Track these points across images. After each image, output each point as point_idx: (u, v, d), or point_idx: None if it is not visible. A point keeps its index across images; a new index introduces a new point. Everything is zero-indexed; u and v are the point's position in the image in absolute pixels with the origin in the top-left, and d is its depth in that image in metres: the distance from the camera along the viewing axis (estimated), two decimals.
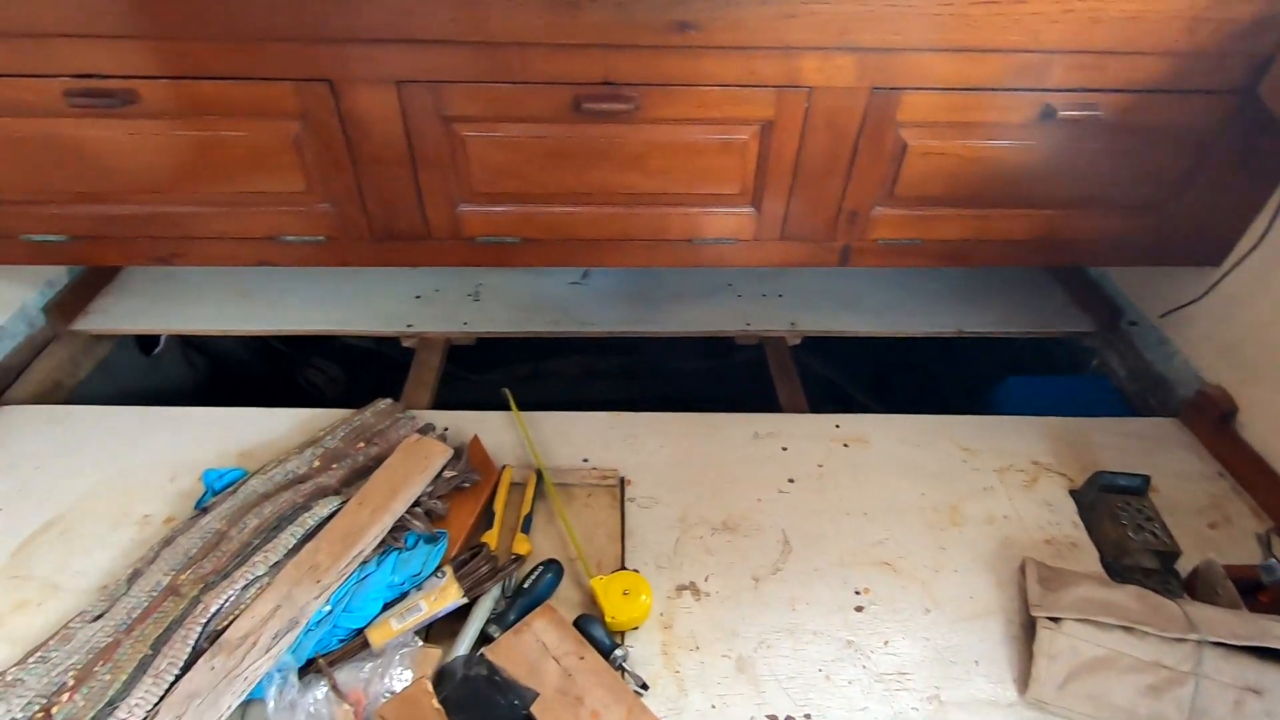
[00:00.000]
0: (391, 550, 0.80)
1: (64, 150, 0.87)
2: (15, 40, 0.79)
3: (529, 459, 0.96)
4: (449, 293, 1.29)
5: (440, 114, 0.86)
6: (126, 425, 1.01)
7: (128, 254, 0.98)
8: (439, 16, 0.78)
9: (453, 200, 0.95)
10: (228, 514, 0.83)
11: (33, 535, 0.85)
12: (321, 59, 0.82)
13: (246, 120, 0.86)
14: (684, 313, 1.26)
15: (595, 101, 0.85)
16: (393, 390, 1.06)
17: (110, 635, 0.72)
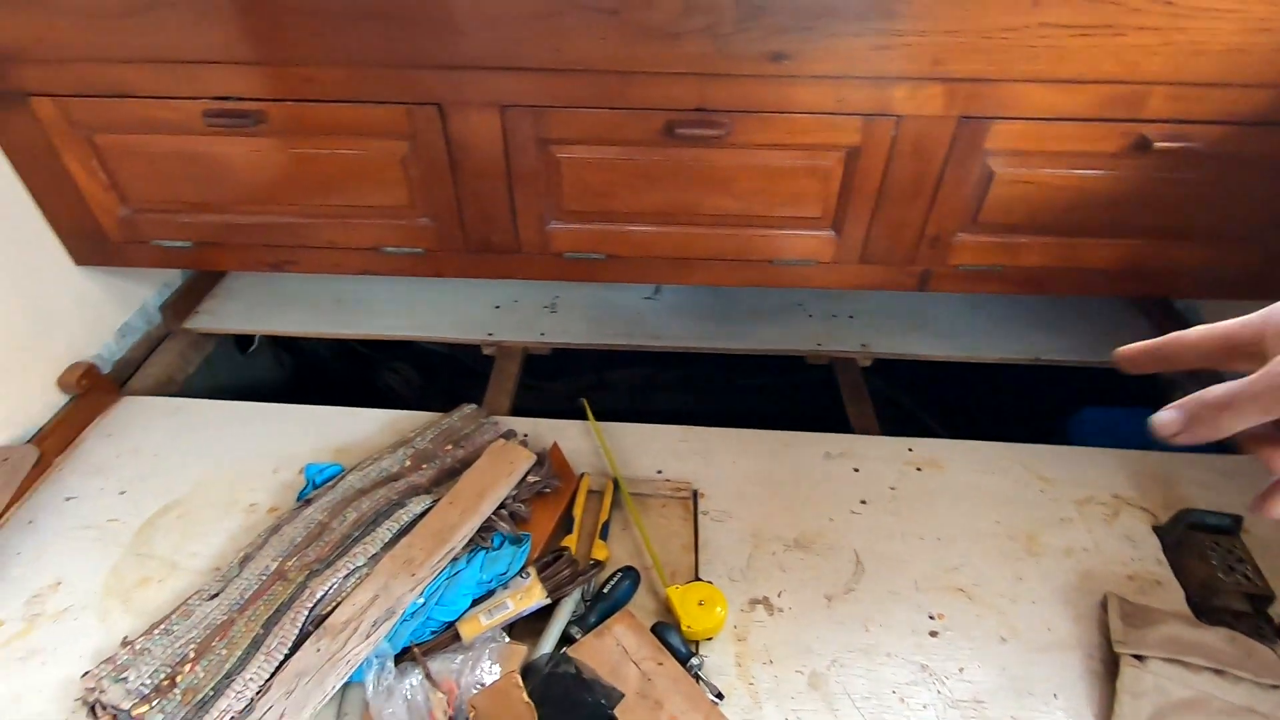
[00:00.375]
0: (480, 549, 0.84)
1: (197, 164, 0.95)
2: (165, 65, 0.87)
3: (604, 468, 1.00)
4: (527, 304, 1.34)
5: (539, 136, 0.91)
6: (232, 419, 1.08)
7: (244, 260, 1.06)
8: (546, 47, 0.83)
9: (544, 217, 0.99)
10: (328, 507, 0.89)
11: (153, 517, 0.93)
12: (434, 84, 0.87)
13: (361, 140, 0.93)
14: (754, 331, 1.28)
15: (687, 127, 0.88)
16: (465, 395, 1.10)
17: (225, 613, 0.78)
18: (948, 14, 0.78)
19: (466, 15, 0.81)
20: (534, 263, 1.04)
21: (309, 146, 0.93)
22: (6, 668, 0.77)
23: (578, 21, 0.81)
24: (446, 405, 1.08)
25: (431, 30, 0.83)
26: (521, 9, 0.81)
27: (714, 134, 0.89)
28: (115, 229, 1.03)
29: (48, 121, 0.93)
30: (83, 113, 0.92)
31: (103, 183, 0.98)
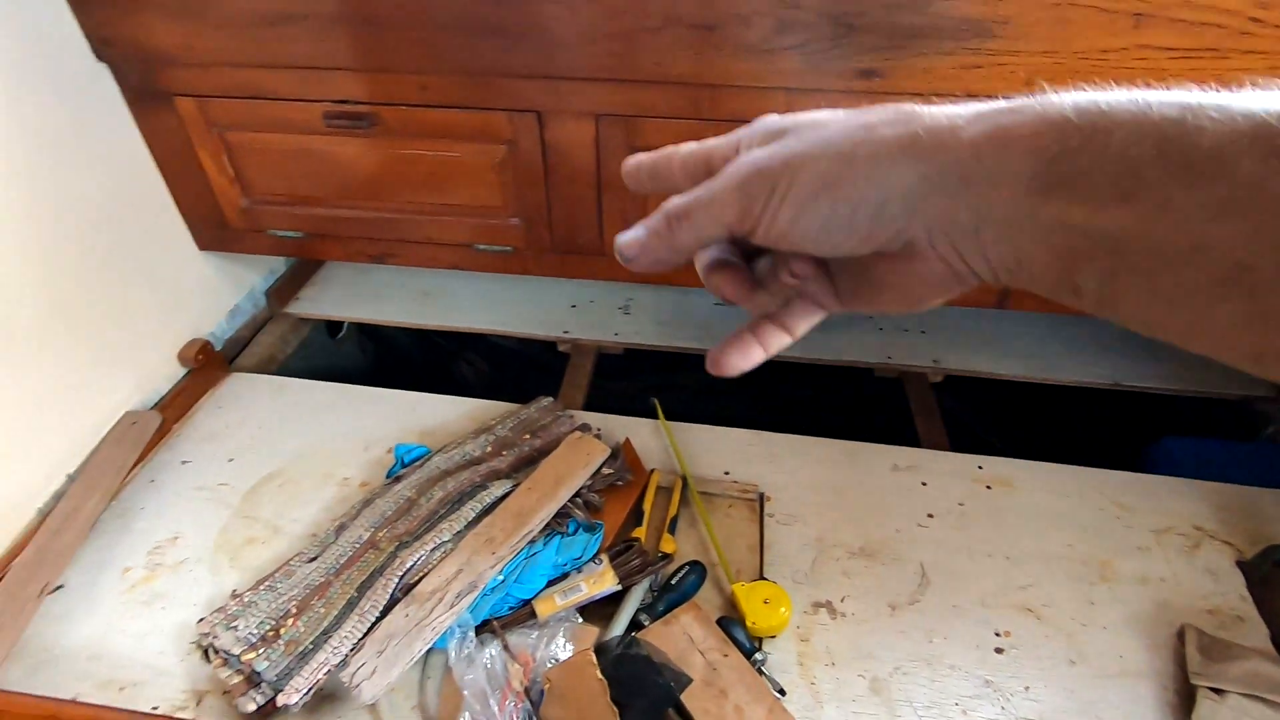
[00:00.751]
0: (556, 534, 0.88)
1: (314, 162, 1.04)
2: (294, 71, 0.95)
3: (673, 465, 1.03)
4: (601, 304, 1.39)
5: (629, 144, 0.95)
6: (327, 399, 1.16)
7: (349, 251, 1.14)
8: (645, 60, 0.87)
9: (628, 220, 1.03)
10: (416, 484, 0.95)
11: (258, 484, 1.01)
12: (535, 94, 0.93)
13: (463, 143, 0.99)
14: (823, 340, 1.29)
15: None
16: (531, 387, 1.15)
17: (323, 576, 0.85)
18: (1046, 35, 0.79)
19: (571, 31, 0.86)
20: (616, 264, 1.08)
21: (415, 148, 1.00)
22: (133, 609, 0.85)
23: (676, 38, 0.85)
24: (514, 396, 1.13)
25: (537, 44, 0.88)
26: (624, 25, 0.85)
27: None
28: (236, 218, 1.13)
29: (188, 119, 1.02)
30: (219, 112, 1.01)
31: (229, 176, 1.08)
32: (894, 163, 0.25)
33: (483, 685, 0.74)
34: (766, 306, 0.35)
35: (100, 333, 1.01)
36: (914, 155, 0.25)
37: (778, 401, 1.42)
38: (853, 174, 0.26)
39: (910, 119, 0.26)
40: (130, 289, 1.06)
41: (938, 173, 0.25)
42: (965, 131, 0.25)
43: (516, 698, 0.73)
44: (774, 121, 0.30)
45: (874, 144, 0.26)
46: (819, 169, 0.26)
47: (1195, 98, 0.22)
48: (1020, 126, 0.24)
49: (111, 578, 0.89)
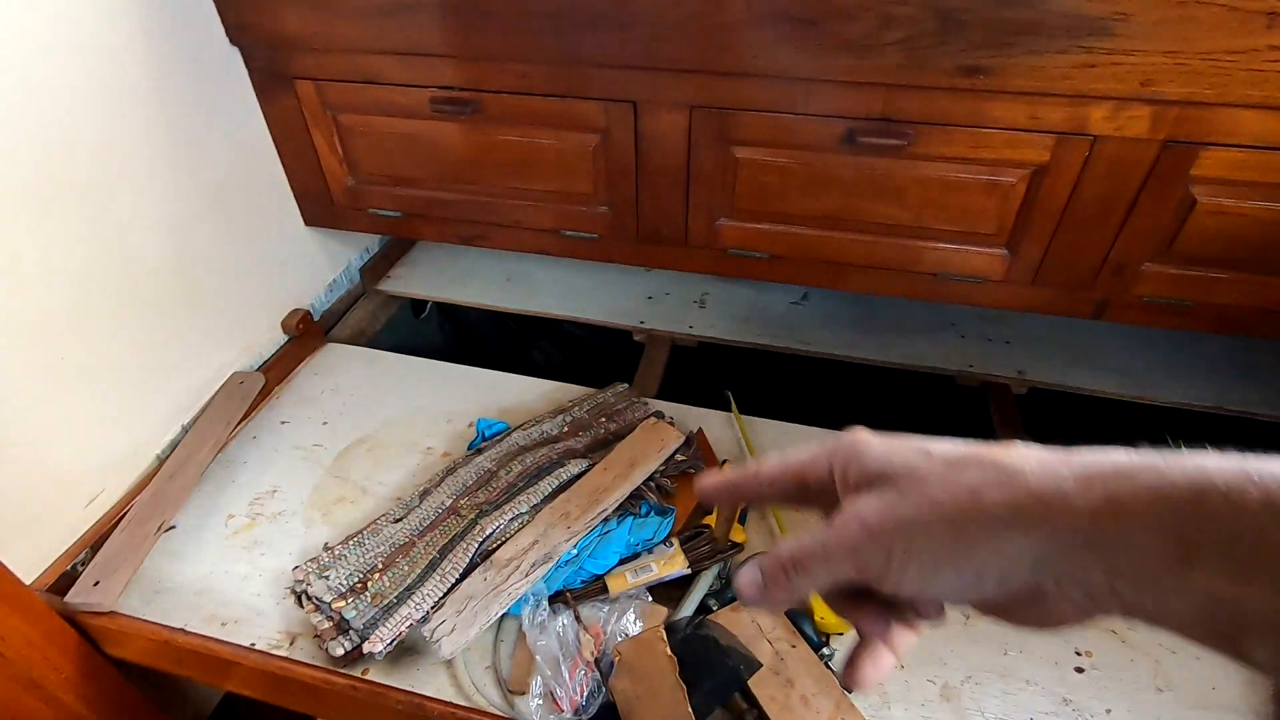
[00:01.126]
0: (629, 514, 0.90)
1: (417, 145, 1.09)
2: (406, 57, 1.00)
3: (745, 458, 1.03)
4: (677, 297, 1.40)
5: (722, 136, 0.97)
6: (414, 372, 1.22)
7: (442, 232, 1.19)
8: (744, 53, 0.88)
9: (714, 213, 1.05)
10: (496, 457, 0.98)
11: (349, 447, 1.07)
12: (632, 84, 0.95)
13: (559, 131, 1.02)
14: (904, 345, 1.27)
15: (869, 135, 0.90)
16: (598, 374, 1.18)
17: (407, 536, 0.89)
18: (1169, 34, 0.76)
19: (672, 22, 0.88)
20: (697, 256, 1.10)
21: (513, 134, 1.04)
22: (236, 553, 0.92)
23: (776, 32, 0.85)
24: (583, 381, 1.16)
25: (637, 35, 0.90)
26: (725, 18, 0.86)
27: (895, 144, 0.90)
28: (341, 196, 1.19)
29: (306, 101, 1.09)
30: (335, 95, 1.07)
31: (338, 156, 1.14)
32: (1009, 534, 0.25)
33: (555, 652, 0.76)
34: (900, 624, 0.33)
35: (216, 298, 1.09)
36: (1027, 525, 0.25)
37: (852, 404, 1.40)
38: (969, 546, 0.26)
39: (1013, 480, 0.26)
40: (243, 259, 1.14)
41: (1058, 540, 0.25)
42: (1077, 501, 0.25)
43: (587, 667, 0.76)
44: (871, 459, 0.30)
45: (983, 514, 0.26)
46: (934, 541, 0.26)
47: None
48: (1136, 501, 0.24)
49: (217, 523, 0.96)
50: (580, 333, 1.67)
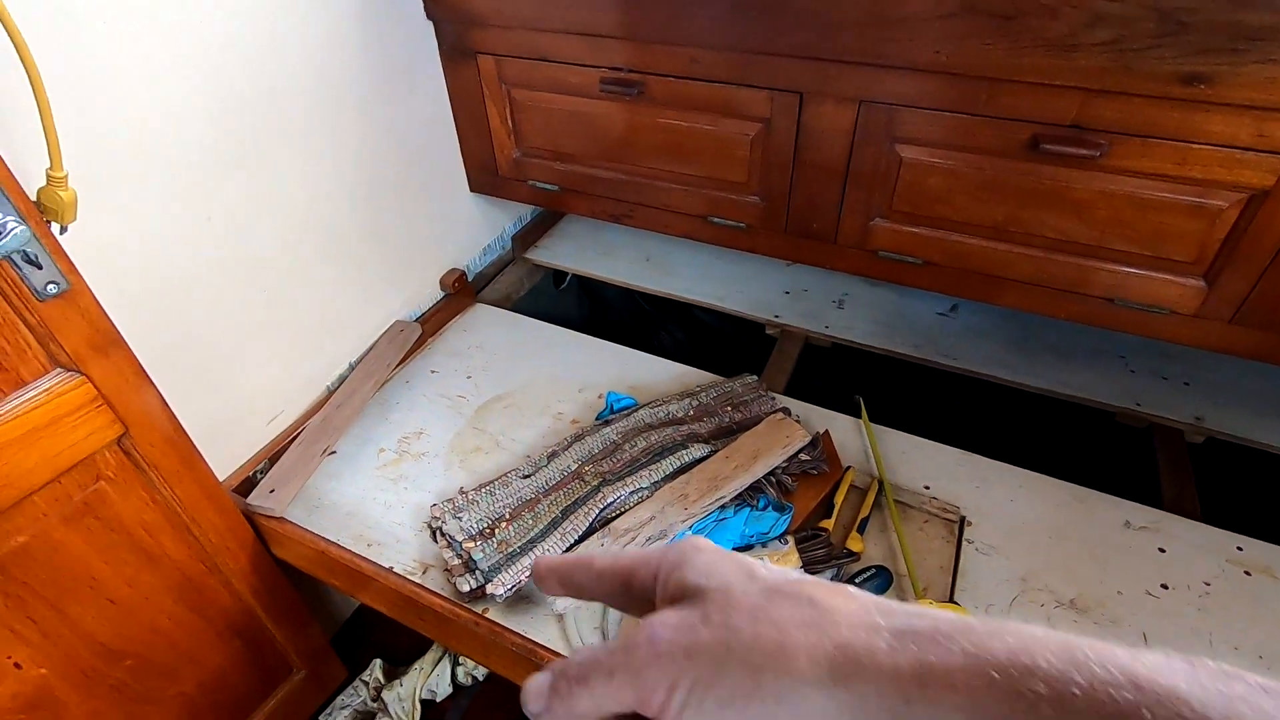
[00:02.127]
0: (746, 505, 0.90)
1: (581, 122, 1.13)
2: (582, 38, 1.04)
3: (870, 467, 1.00)
4: (815, 295, 1.37)
5: (889, 134, 0.93)
6: (553, 340, 1.28)
7: (593, 208, 1.23)
8: (924, 48, 0.84)
9: (869, 212, 1.01)
10: (623, 431, 1.02)
11: (489, 402, 1.14)
12: (800, 74, 0.93)
13: (720, 117, 1.02)
14: (1060, 372, 1.17)
15: (1056, 143, 0.84)
16: (722, 363, 1.18)
17: (533, 493, 0.95)
18: None
19: (852, 13, 0.85)
20: (846, 255, 1.07)
21: (675, 118, 1.06)
22: (384, 484, 1.01)
23: (966, 26, 0.81)
24: (709, 369, 1.17)
25: (812, 24, 0.89)
26: (907, 10, 0.83)
27: (1086, 154, 0.83)
28: (506, 166, 1.26)
29: (485, 75, 1.16)
30: (511, 71, 1.13)
31: (508, 128, 1.21)
32: (808, 690, 0.22)
33: None
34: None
35: (389, 251, 1.20)
36: (829, 682, 0.22)
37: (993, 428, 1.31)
38: (761, 694, 0.23)
39: (824, 621, 0.23)
40: (416, 218, 1.24)
41: (862, 707, 0.22)
42: (886, 662, 0.22)
43: None
44: (692, 571, 0.26)
45: (784, 658, 0.23)
46: (725, 680, 0.23)
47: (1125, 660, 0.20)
48: (950, 673, 0.21)
49: (370, 453, 1.06)
50: (711, 320, 1.68)
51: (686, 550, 0.27)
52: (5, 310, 0.65)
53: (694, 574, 0.26)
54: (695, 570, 0.26)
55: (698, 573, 0.26)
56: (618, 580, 0.28)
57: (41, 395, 0.69)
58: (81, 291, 0.70)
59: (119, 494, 0.79)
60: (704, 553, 0.27)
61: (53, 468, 0.72)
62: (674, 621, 0.24)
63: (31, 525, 0.72)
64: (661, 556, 0.27)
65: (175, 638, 0.91)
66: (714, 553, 0.27)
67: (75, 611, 0.79)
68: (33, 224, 0.64)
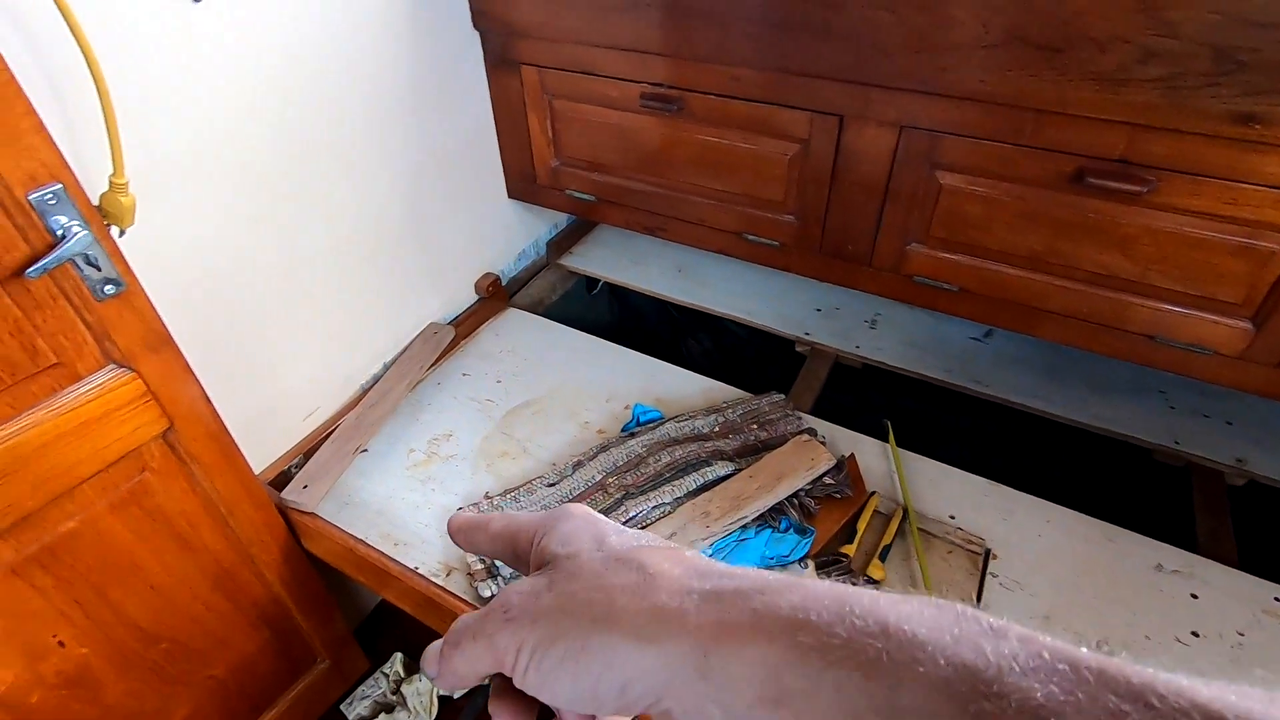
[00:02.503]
0: (768, 527, 0.91)
1: (620, 135, 1.14)
2: (625, 53, 1.05)
3: (896, 493, 1.00)
4: (848, 314, 1.37)
5: (929, 160, 0.92)
6: (583, 347, 1.29)
7: (628, 219, 1.24)
8: (970, 76, 0.83)
9: (905, 237, 1.01)
10: (648, 444, 1.03)
11: (517, 407, 1.16)
12: (841, 97, 0.93)
13: (759, 136, 1.03)
14: (1097, 405, 1.15)
15: (1102, 177, 0.82)
16: (754, 378, 1.18)
17: (557, 502, 0.96)
18: None
19: (897, 38, 0.85)
20: (879, 279, 1.06)
21: (712, 135, 1.06)
22: (413, 485, 1.04)
23: (1013, 56, 0.80)
24: (735, 381, 1.17)
25: (856, 48, 0.88)
26: (954, 38, 0.82)
27: (1132, 189, 0.81)
28: (544, 175, 1.28)
29: (528, 85, 1.18)
30: (554, 82, 1.15)
31: (548, 138, 1.23)
32: (627, 650, 0.24)
33: None
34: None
35: (426, 255, 1.22)
36: (643, 643, 0.24)
37: (1021, 455, 1.29)
38: (588, 655, 0.24)
39: (648, 588, 0.25)
40: (454, 222, 1.26)
41: (671, 662, 0.23)
42: (691, 621, 0.23)
43: None
44: (556, 538, 0.29)
45: (608, 621, 0.25)
46: (562, 642, 0.25)
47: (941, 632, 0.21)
48: (740, 630, 0.23)
49: (400, 453, 1.09)
50: (740, 332, 1.68)
51: (558, 518, 0.29)
52: (66, 310, 0.68)
53: (553, 542, 0.28)
54: (555, 538, 0.28)
55: (557, 540, 0.28)
56: (507, 544, 0.31)
57: (95, 390, 0.72)
58: (136, 292, 0.73)
59: (162, 485, 0.82)
60: (570, 520, 0.29)
61: (102, 459, 0.75)
62: (525, 589, 0.27)
63: (80, 512, 0.76)
64: (539, 523, 0.30)
65: (209, 624, 0.94)
66: (579, 520, 0.29)
67: (117, 595, 0.82)
68: (94, 228, 0.67)
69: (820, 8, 0.88)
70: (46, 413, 0.69)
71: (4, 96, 0.58)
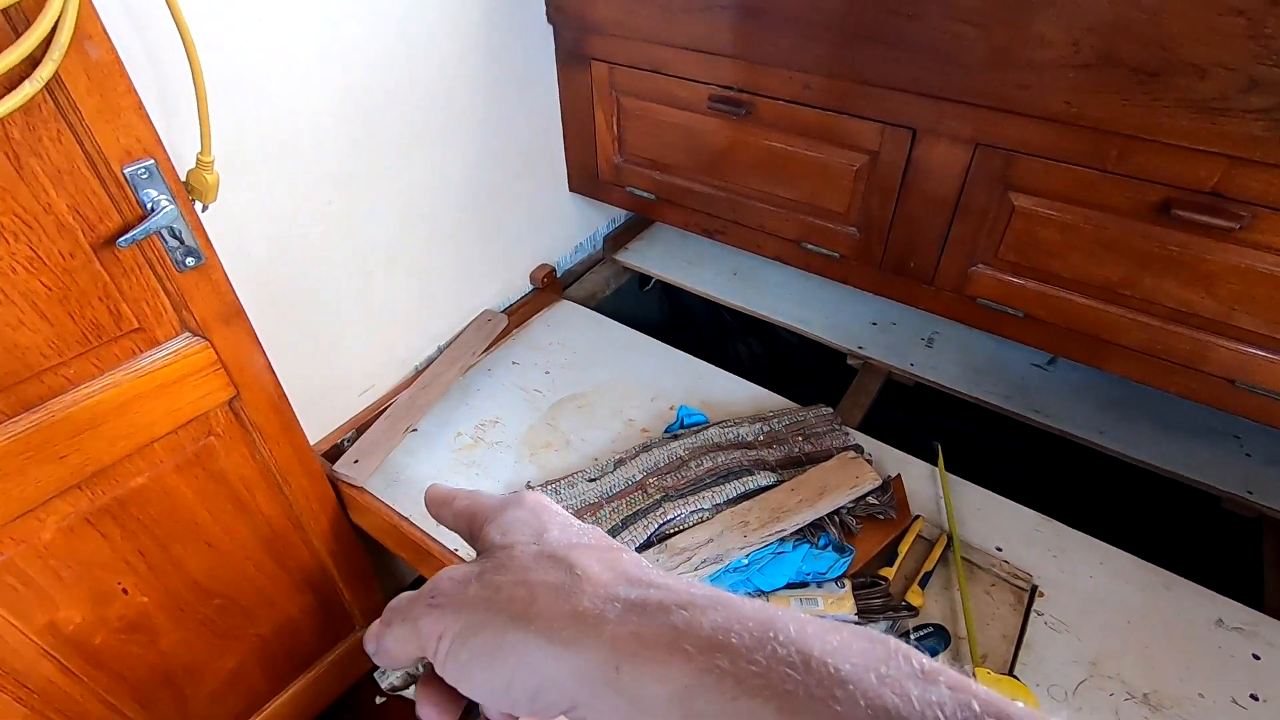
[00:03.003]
0: (806, 542, 0.90)
1: (685, 136, 1.14)
2: (696, 54, 1.04)
3: (941, 519, 0.97)
4: (904, 330, 1.33)
5: (1003, 180, 0.89)
6: (631, 343, 1.30)
7: (686, 220, 1.24)
8: (1055, 97, 0.80)
9: (971, 257, 0.97)
10: (690, 448, 1.03)
11: (564, 399, 1.17)
12: (915, 110, 0.91)
13: (826, 145, 1.01)
14: (1164, 444, 1.09)
15: (1191, 210, 0.78)
16: (800, 387, 1.17)
17: (596, 497, 0.97)
18: None
19: (978, 54, 0.82)
20: (941, 298, 1.03)
21: (779, 141, 1.05)
22: (458, 468, 1.06)
23: (1104, 78, 0.76)
24: (781, 388, 1.16)
25: (934, 62, 0.86)
26: (1040, 56, 0.79)
27: (1224, 225, 0.77)
28: (606, 170, 1.29)
29: (597, 81, 1.18)
30: (623, 79, 1.15)
31: (613, 134, 1.23)
32: (540, 648, 0.23)
33: None
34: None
35: (485, 242, 1.24)
36: (560, 644, 0.23)
37: (1077, 490, 1.24)
38: (504, 652, 0.24)
39: (572, 588, 0.24)
40: (514, 211, 1.28)
41: (583, 671, 0.23)
42: (611, 629, 0.23)
43: None
44: (500, 525, 0.28)
45: (526, 620, 0.24)
46: (481, 635, 0.24)
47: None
48: (656, 645, 0.22)
49: (448, 436, 1.11)
50: (791, 339, 1.65)
51: (507, 505, 0.29)
52: (149, 278, 0.72)
53: (495, 530, 0.28)
54: (496, 526, 0.28)
55: (499, 529, 0.28)
56: (465, 523, 0.30)
57: (171, 355, 0.76)
58: (214, 265, 0.76)
59: (225, 449, 0.86)
60: (518, 508, 0.29)
61: (173, 420, 0.79)
62: (457, 575, 0.26)
63: (150, 469, 0.80)
64: (492, 507, 0.29)
65: (259, 584, 0.98)
66: (526, 510, 0.28)
67: (177, 550, 0.87)
68: (180, 203, 0.70)
69: (899, 19, 0.85)
70: (126, 374, 0.73)
71: (109, 76, 0.62)
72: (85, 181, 0.64)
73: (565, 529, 0.28)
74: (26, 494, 0.70)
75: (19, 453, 0.68)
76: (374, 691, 1.25)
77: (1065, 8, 0.75)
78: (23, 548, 0.73)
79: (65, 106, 0.61)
